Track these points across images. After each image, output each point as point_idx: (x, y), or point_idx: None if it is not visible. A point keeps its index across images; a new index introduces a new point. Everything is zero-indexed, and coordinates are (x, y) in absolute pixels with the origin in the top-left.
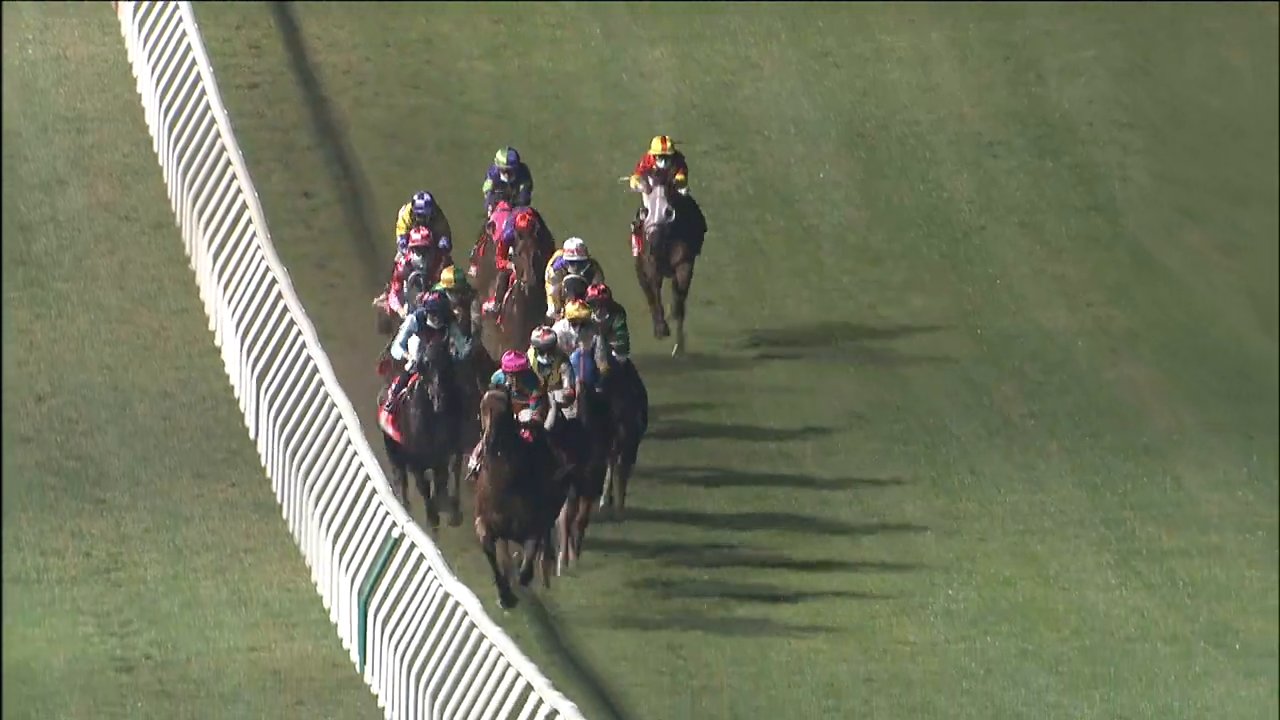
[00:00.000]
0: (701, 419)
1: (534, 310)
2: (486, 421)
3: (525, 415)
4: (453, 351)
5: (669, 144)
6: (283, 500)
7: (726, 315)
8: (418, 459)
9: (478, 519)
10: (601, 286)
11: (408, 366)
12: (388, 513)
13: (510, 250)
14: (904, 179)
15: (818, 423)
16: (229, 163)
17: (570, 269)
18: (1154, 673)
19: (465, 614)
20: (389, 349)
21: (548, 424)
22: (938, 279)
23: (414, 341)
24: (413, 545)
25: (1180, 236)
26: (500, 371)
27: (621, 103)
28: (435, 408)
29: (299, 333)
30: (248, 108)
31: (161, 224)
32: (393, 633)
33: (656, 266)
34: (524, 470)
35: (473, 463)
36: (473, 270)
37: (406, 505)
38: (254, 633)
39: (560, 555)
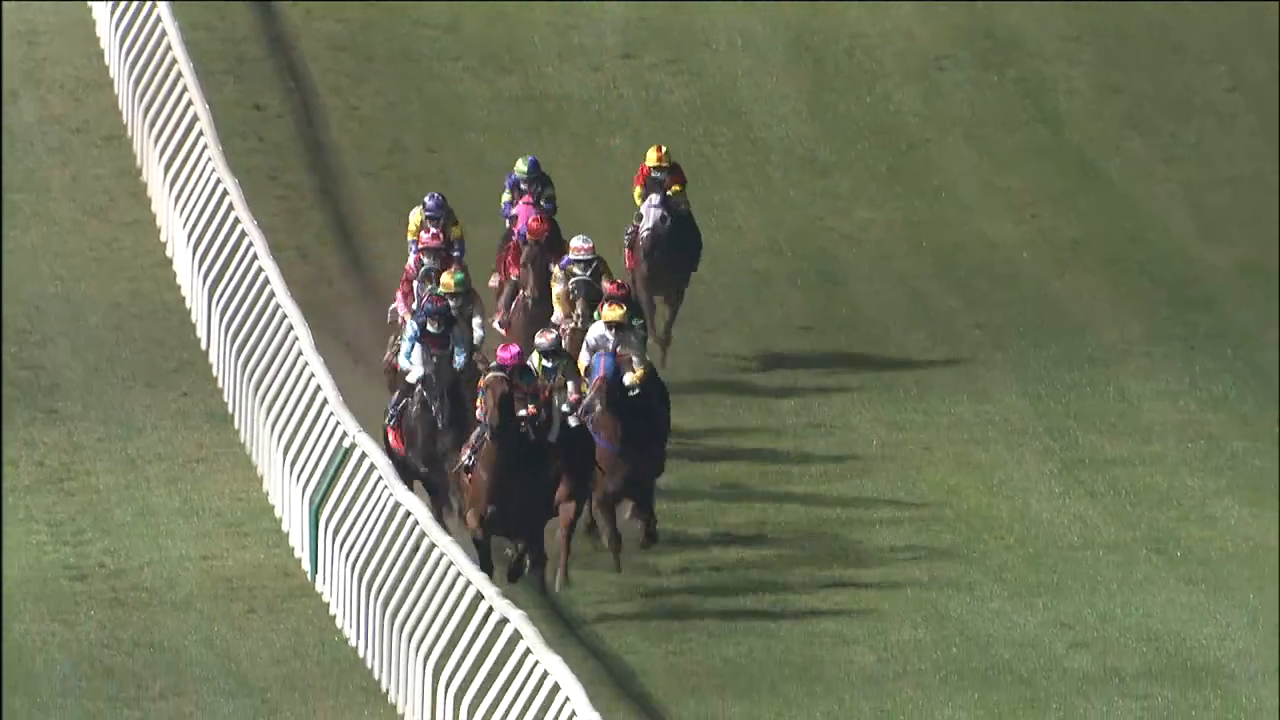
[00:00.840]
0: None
1: (538, 323)
2: (489, 402)
3: (521, 411)
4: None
5: (664, 154)
6: (234, 410)
7: None
8: (421, 472)
9: (469, 511)
10: (620, 282)
11: (410, 378)
12: (339, 423)
13: (521, 256)
14: (851, 92)
15: (765, 333)
16: (180, 75)
17: (577, 268)
18: (1096, 579)
19: (415, 523)
20: (394, 351)
21: (552, 435)
22: (884, 191)
23: (417, 352)
24: (364, 455)
25: (1123, 147)
26: (493, 363)
27: (571, 16)
28: (439, 424)
29: (250, 244)
30: (199, 20)
31: (113, 136)
32: (344, 541)
33: (648, 276)
34: (521, 461)
35: (465, 457)
36: (493, 281)
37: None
38: (206, 541)
39: (560, 566)
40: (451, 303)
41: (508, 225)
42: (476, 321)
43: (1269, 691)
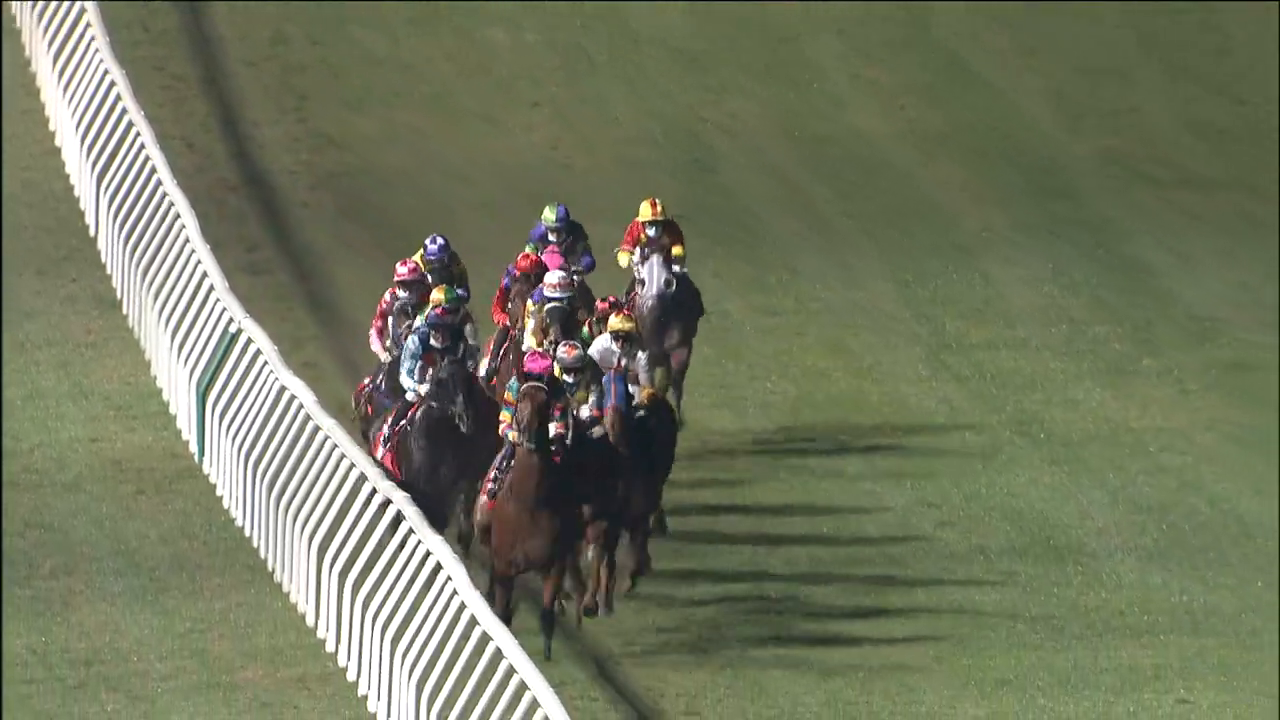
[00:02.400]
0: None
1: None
2: (525, 412)
3: (552, 429)
4: (471, 366)
5: (659, 208)
6: (123, 296)
7: (550, 117)
8: (424, 496)
9: (497, 551)
10: (611, 299)
11: (409, 396)
12: (225, 309)
13: (508, 299)
14: None
15: None
16: None
17: (551, 302)
18: (962, 461)
19: (301, 406)
20: (380, 379)
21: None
22: (757, 83)
23: (416, 371)
24: (250, 340)
25: (987, 40)
26: (515, 380)
27: None
28: (463, 430)
29: (137, 133)
30: None
31: (2, 28)
32: (230, 424)
33: (650, 349)
34: (555, 484)
35: (489, 488)
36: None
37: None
38: (95, 424)
39: (592, 594)
40: (433, 311)
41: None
42: (469, 329)
43: (1127, 568)
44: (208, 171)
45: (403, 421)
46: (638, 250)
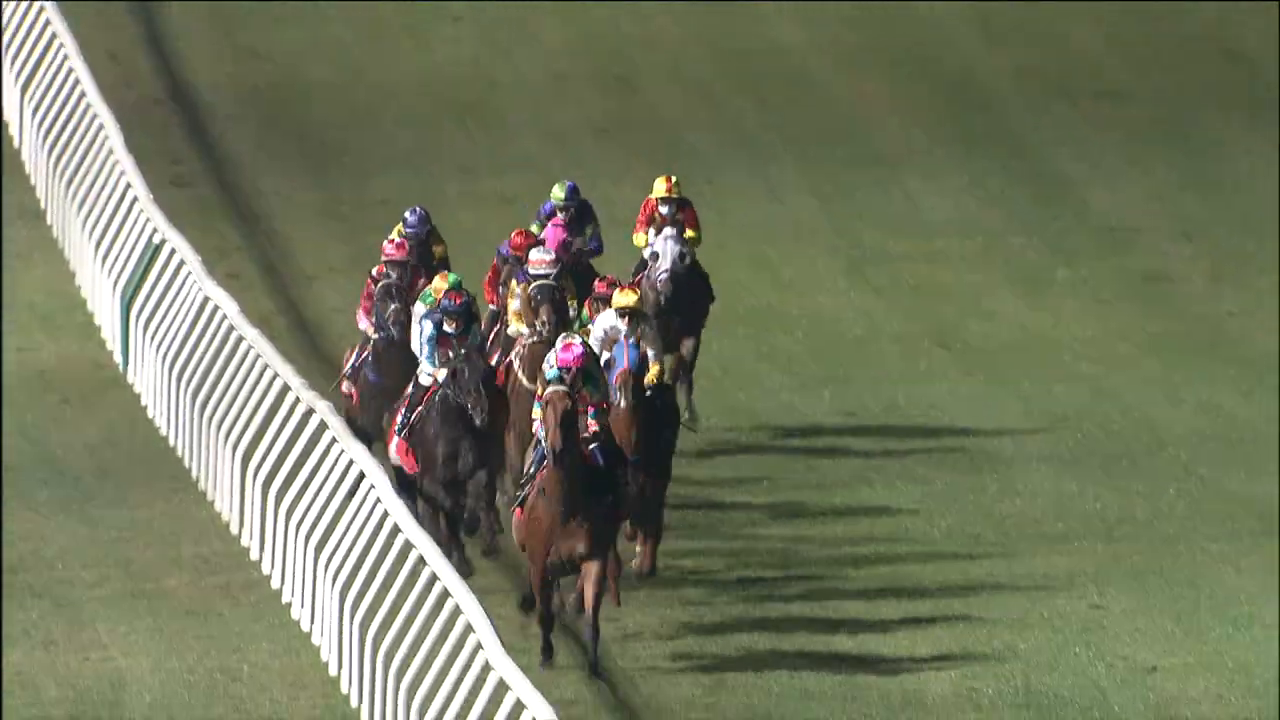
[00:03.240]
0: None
1: (535, 358)
2: (550, 422)
3: (584, 428)
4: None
5: (674, 184)
6: (47, 206)
7: (473, 31)
8: (444, 486)
9: (531, 559)
10: (610, 278)
11: (423, 380)
12: (149, 219)
13: (500, 279)
14: None
15: (564, 134)
16: None
17: (537, 280)
18: (881, 371)
19: (224, 317)
20: (357, 369)
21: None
22: None
23: (432, 354)
24: (173, 251)
25: None
26: (554, 367)
27: None
28: (478, 423)
29: (61, 46)
30: None
31: None
32: (154, 334)
33: (662, 324)
34: (588, 490)
35: (519, 491)
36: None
37: (458, 546)
38: (21, 334)
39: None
40: (446, 298)
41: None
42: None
43: (1042, 476)
44: (132, 85)
45: (418, 409)
46: (652, 230)
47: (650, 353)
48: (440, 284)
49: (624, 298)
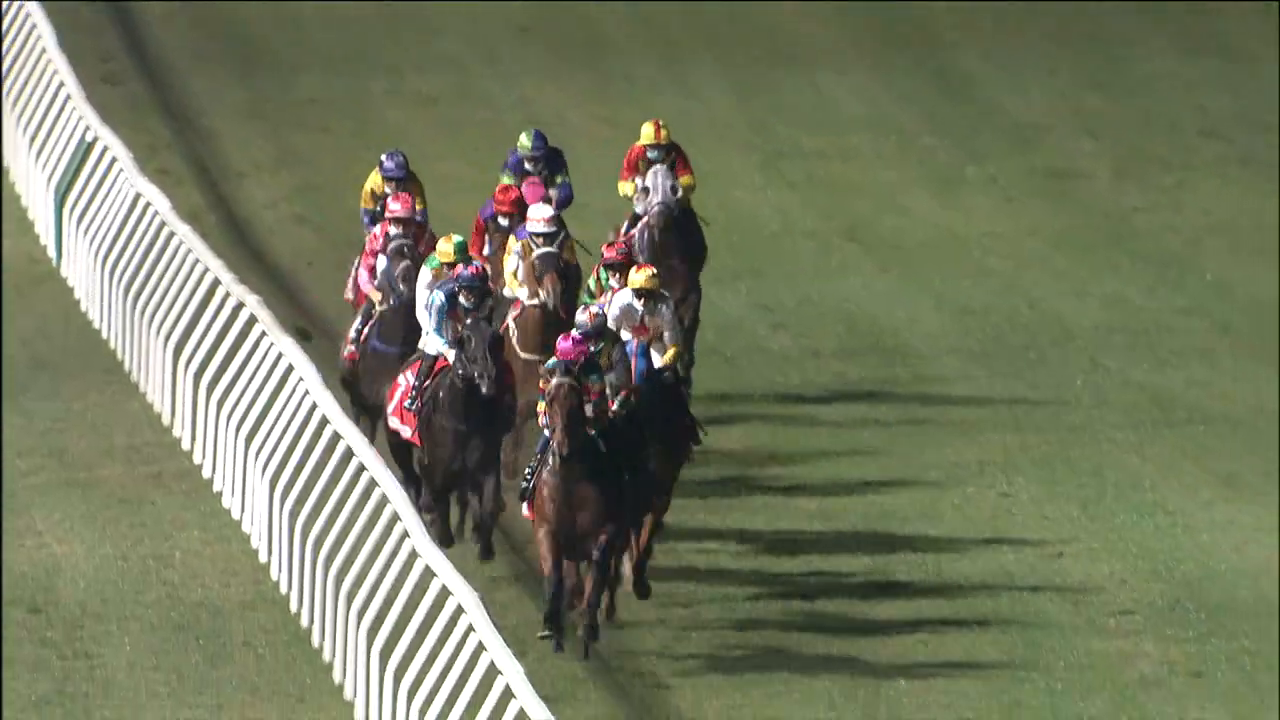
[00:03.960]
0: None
1: (548, 329)
2: (557, 419)
3: (589, 412)
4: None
5: (663, 131)
6: None
7: None
8: (451, 468)
9: (543, 548)
10: (620, 244)
11: (429, 350)
12: (81, 117)
13: (487, 238)
14: None
15: (486, 34)
16: None
17: (538, 241)
18: (795, 266)
19: (155, 213)
20: (363, 336)
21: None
22: None
23: (441, 328)
24: (106, 148)
25: None
26: (555, 359)
27: None
28: (484, 391)
29: None
30: None
31: None
32: (87, 229)
33: (656, 260)
34: (596, 479)
35: (526, 478)
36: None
37: (446, 538)
38: None
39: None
40: (465, 269)
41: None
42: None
43: (953, 368)
44: None
45: (427, 382)
46: (638, 179)
47: (667, 334)
48: (446, 246)
49: (642, 279)
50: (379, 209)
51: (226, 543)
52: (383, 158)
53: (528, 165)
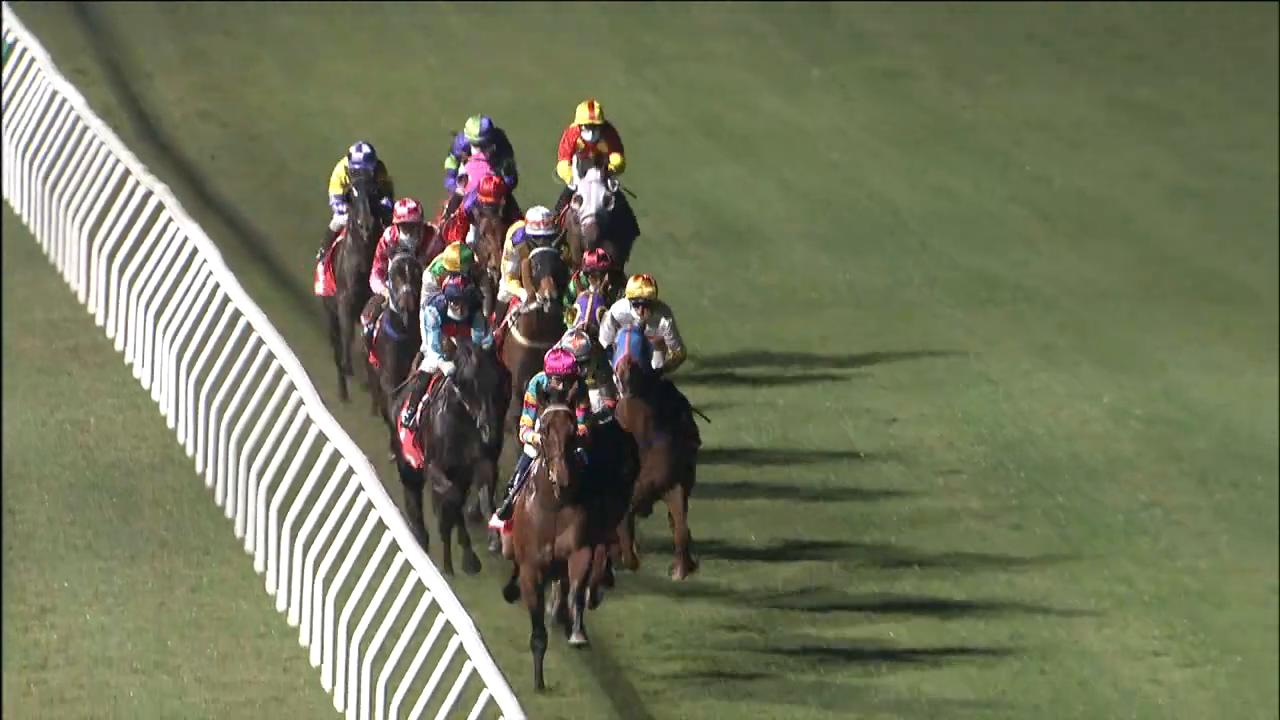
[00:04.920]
0: None
1: (545, 330)
2: (553, 449)
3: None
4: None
5: (597, 110)
6: None
7: None
8: (450, 476)
9: (522, 562)
10: (600, 251)
11: (425, 367)
12: (2, 19)
13: (471, 228)
14: None
15: None
16: None
17: (537, 243)
18: (655, 159)
19: (71, 108)
20: (375, 329)
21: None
22: None
23: (436, 342)
24: (25, 49)
25: None
26: (543, 374)
27: None
28: (484, 437)
29: None
30: None
31: None
32: (7, 124)
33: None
34: (579, 507)
35: (510, 492)
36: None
37: (464, 540)
38: None
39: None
40: (450, 281)
41: (456, 193)
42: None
43: (799, 252)
44: None
45: (425, 397)
46: (576, 159)
47: (668, 340)
48: (452, 254)
49: (639, 287)
50: (346, 194)
51: (137, 409)
52: (351, 149)
53: (475, 150)
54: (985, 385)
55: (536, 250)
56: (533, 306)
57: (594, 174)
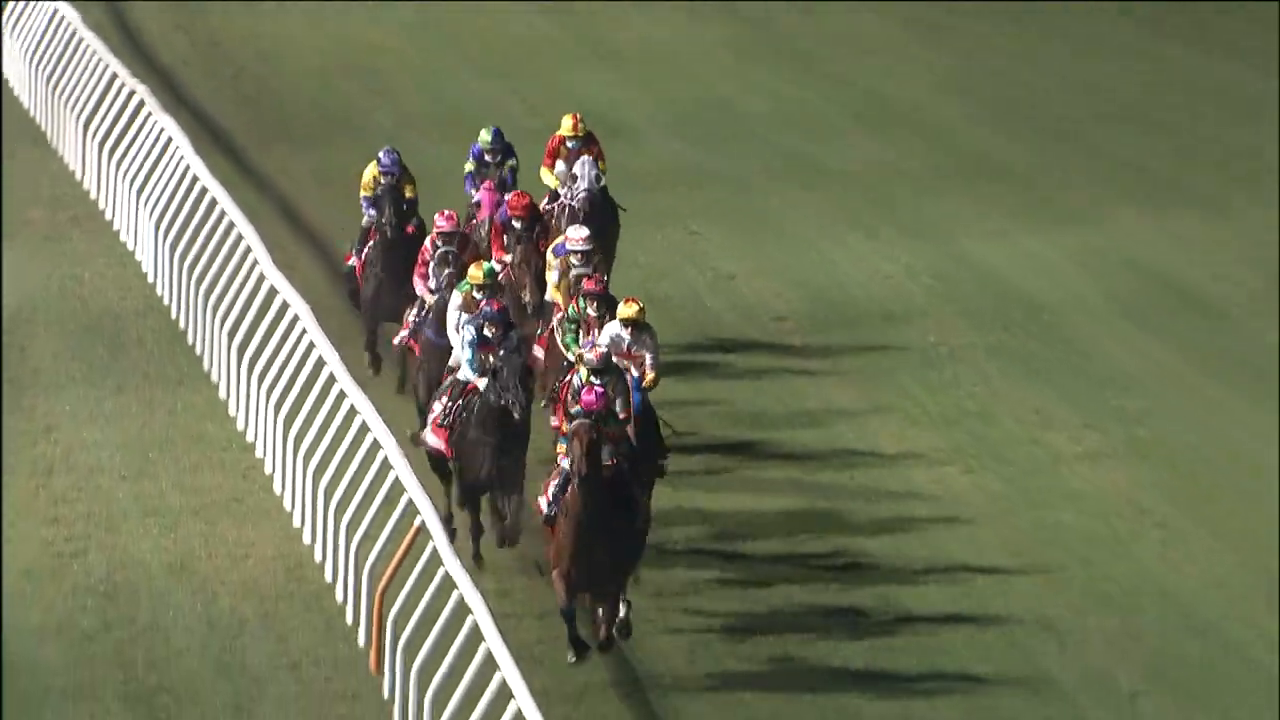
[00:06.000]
0: None
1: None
2: (576, 451)
3: (605, 456)
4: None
5: (580, 123)
6: None
7: None
8: (477, 484)
9: (554, 570)
10: (598, 276)
11: (460, 375)
12: None
13: (505, 240)
14: None
15: None
16: None
17: (575, 259)
18: (541, 66)
19: (68, 23)
20: (418, 327)
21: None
22: None
23: (472, 358)
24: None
25: None
26: (580, 407)
27: None
28: (515, 414)
29: None
30: None
31: None
32: (19, 35)
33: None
34: (611, 514)
35: (545, 506)
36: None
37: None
38: None
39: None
40: (478, 295)
41: (474, 197)
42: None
43: (657, 143)
44: None
45: (460, 401)
46: (560, 164)
47: (649, 358)
48: (476, 272)
49: (629, 310)
50: (373, 197)
51: (123, 267)
52: (380, 154)
53: (487, 156)
54: (815, 254)
55: (576, 268)
56: (561, 315)
57: (586, 159)
